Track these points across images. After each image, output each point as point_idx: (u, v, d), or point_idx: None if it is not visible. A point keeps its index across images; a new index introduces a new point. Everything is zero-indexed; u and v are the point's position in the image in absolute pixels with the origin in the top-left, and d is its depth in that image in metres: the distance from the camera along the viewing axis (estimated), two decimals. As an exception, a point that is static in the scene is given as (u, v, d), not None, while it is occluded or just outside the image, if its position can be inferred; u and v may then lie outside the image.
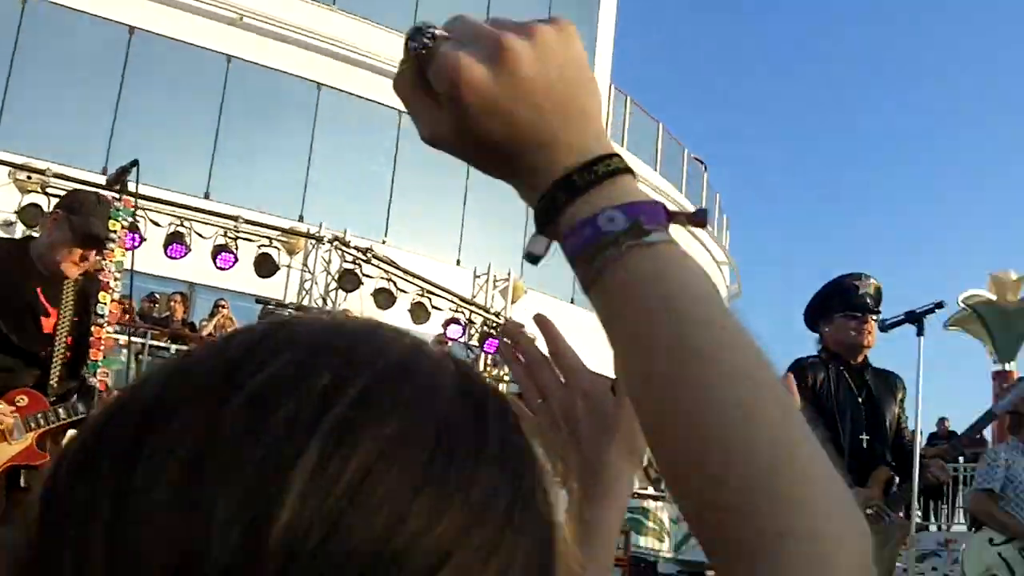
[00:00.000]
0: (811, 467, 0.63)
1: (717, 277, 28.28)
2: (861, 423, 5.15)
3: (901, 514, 5.17)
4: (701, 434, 0.63)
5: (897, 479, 5.23)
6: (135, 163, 4.76)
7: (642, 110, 25.69)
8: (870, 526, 0.65)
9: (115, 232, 4.33)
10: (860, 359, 5.27)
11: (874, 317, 5.21)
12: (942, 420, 15.99)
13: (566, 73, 0.71)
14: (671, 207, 0.72)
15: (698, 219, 0.76)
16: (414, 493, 0.47)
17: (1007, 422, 7.95)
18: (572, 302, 21.73)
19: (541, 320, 1.10)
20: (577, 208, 0.69)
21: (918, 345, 5.13)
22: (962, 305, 16.64)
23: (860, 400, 5.19)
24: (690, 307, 0.67)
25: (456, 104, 0.69)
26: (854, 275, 5.28)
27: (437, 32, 0.69)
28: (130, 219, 4.53)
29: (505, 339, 1.16)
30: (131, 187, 4.77)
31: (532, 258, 0.73)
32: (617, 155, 0.72)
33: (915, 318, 5.12)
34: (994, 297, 16.21)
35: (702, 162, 28.17)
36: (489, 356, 13.73)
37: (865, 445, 5.13)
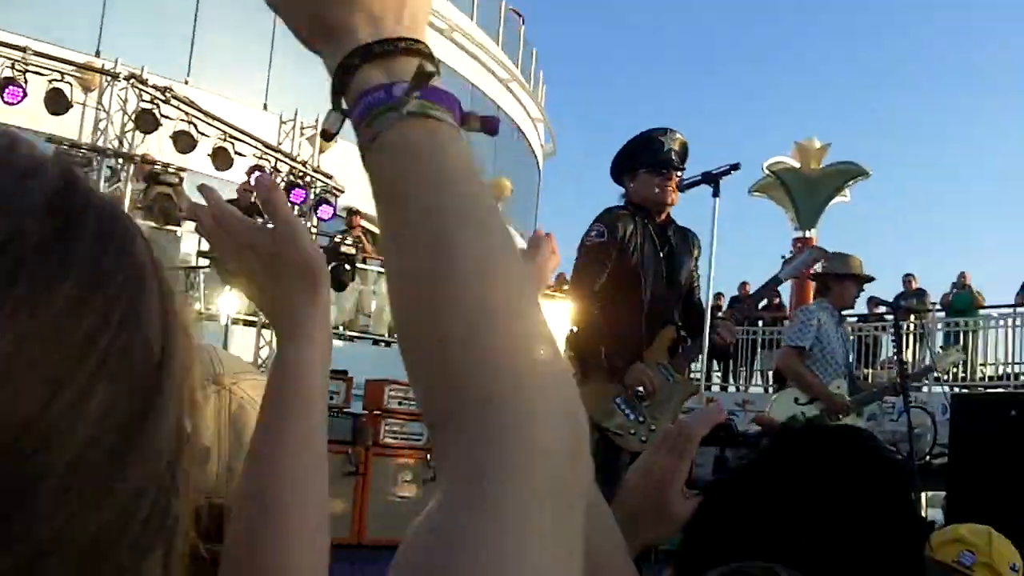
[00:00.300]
0: (514, 335, 0.65)
1: (532, 134, 28.35)
2: (661, 276, 5.22)
3: (697, 376, 5.33)
4: (426, 303, 0.67)
5: (687, 340, 5.38)
6: None
7: (460, -45, 25.11)
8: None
9: None
10: (664, 216, 5.31)
11: (678, 174, 5.24)
12: (743, 284, 16.45)
13: None
14: (465, 109, 0.74)
15: (489, 126, 0.77)
16: None
17: (812, 288, 8.30)
18: (383, 153, 21.46)
19: (204, 189, 1.20)
20: (369, 74, 0.72)
21: (713, 206, 5.20)
22: (766, 171, 17.00)
23: (662, 256, 5.25)
24: (450, 187, 0.69)
25: None
26: (660, 130, 5.27)
27: None
28: None
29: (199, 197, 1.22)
30: None
31: (326, 135, 0.77)
32: (425, 44, 0.75)
33: (711, 178, 5.15)
34: (798, 164, 16.59)
35: (519, 14, 27.88)
36: (295, 207, 13.44)
37: (665, 296, 5.24)
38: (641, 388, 5.01)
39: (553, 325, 0.68)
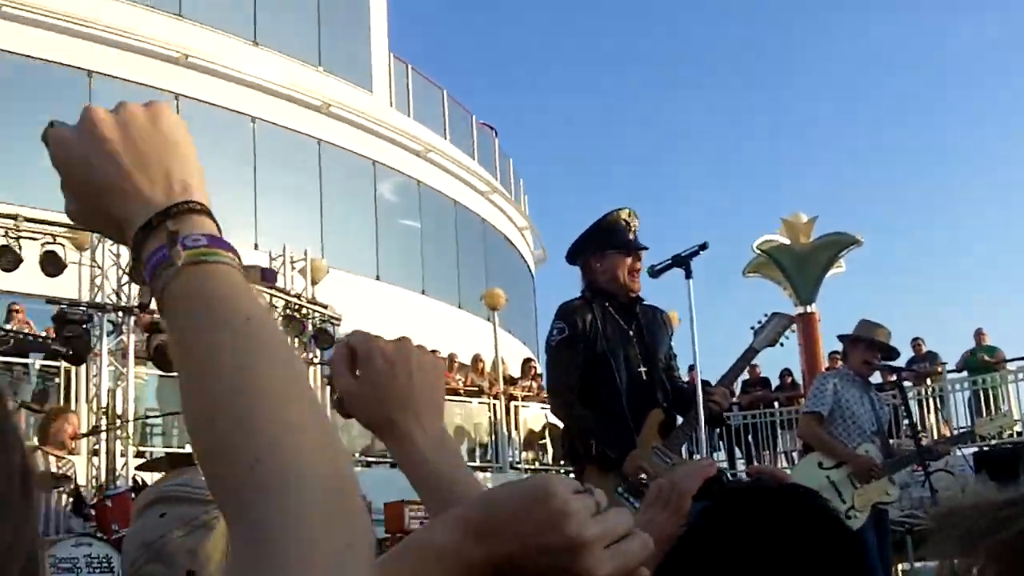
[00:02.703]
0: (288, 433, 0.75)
1: (520, 242, 28.57)
2: (635, 357, 5.16)
3: (698, 456, 5.23)
4: (208, 414, 0.77)
5: (679, 419, 5.33)
6: None
7: (425, 78, 25.63)
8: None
9: None
10: (627, 296, 5.27)
11: (642, 254, 5.24)
12: (753, 367, 16.36)
13: (149, 141, 0.89)
14: (243, 259, 0.88)
15: (267, 277, 0.94)
16: None
17: (826, 360, 8.26)
18: (377, 278, 21.63)
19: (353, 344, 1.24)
20: (152, 240, 0.85)
21: (688, 288, 5.11)
22: (756, 251, 17.00)
23: (631, 334, 5.20)
24: (225, 316, 0.80)
25: (52, 161, 0.92)
26: (620, 210, 5.27)
27: (55, 121, 0.92)
28: None
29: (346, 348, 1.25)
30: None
31: (143, 307, 0.97)
32: (198, 202, 0.88)
33: (681, 261, 5.06)
34: (787, 241, 16.60)
35: (491, 127, 28.34)
36: (294, 340, 13.48)
37: (644, 377, 5.15)
38: (643, 476, 4.88)
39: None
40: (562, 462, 16.46)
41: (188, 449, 11.09)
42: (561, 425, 5.19)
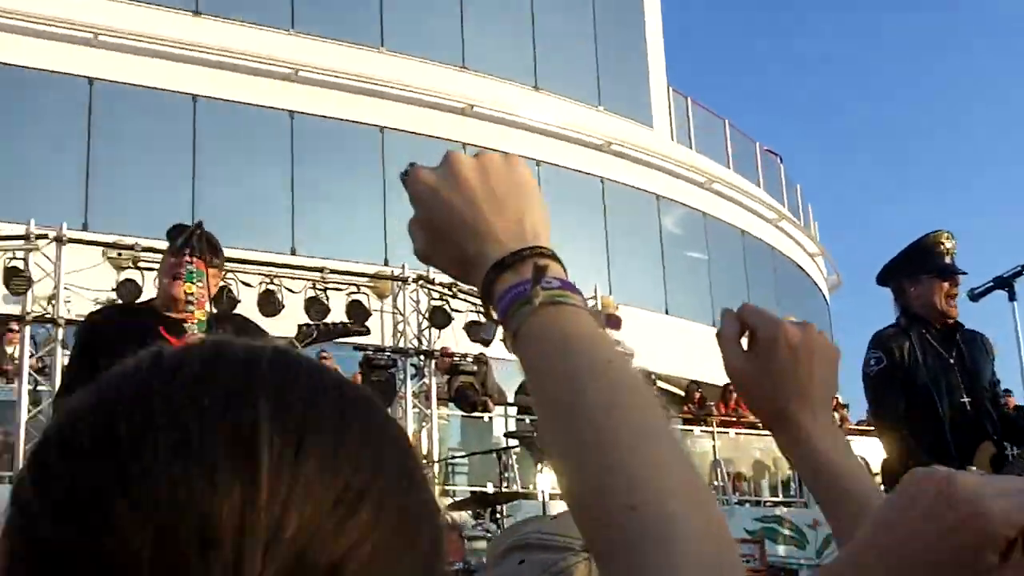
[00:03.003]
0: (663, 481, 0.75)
1: (812, 269, 27.81)
2: (957, 386, 4.90)
3: None
4: (578, 456, 0.78)
5: (1012, 450, 4.96)
6: (199, 224, 4.66)
7: (705, 109, 25.54)
8: None
9: (192, 295, 4.21)
10: (945, 322, 5.02)
11: (960, 279, 5.00)
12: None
13: (505, 187, 0.93)
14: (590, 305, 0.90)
15: (611, 324, 0.94)
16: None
17: None
18: (666, 312, 21.53)
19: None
20: (505, 280, 0.87)
21: (1013, 311, 4.83)
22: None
23: (952, 362, 4.94)
24: (580, 361, 0.82)
25: (411, 199, 0.95)
26: (940, 232, 5.05)
27: (413, 163, 0.97)
28: (204, 280, 4.38)
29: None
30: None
31: (484, 342, 0.92)
32: (547, 248, 0.91)
33: (1004, 282, 4.83)
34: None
35: (776, 154, 27.80)
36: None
37: (969, 408, 4.89)
38: None
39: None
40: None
41: (491, 488, 11.33)
42: (872, 456, 4.98)
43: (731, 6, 59.38)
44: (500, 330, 0.89)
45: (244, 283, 11.45)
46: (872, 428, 7.74)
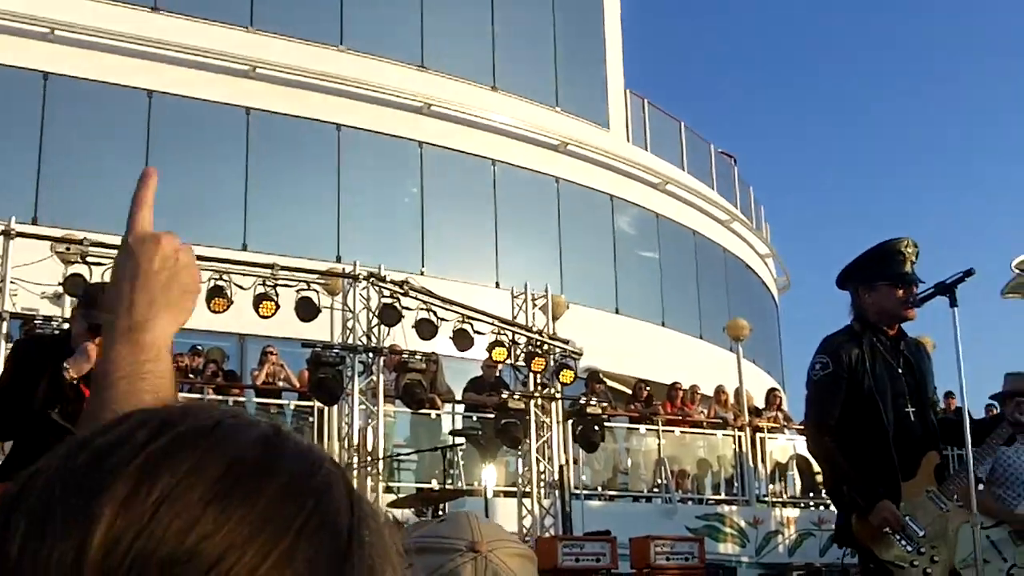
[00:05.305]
0: None
1: (762, 270, 28.12)
2: (903, 396, 4.94)
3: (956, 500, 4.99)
4: None
5: (952, 452, 5.12)
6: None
7: (661, 111, 25.70)
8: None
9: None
10: (895, 329, 5.06)
11: (916, 289, 4.98)
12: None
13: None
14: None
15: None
16: (204, 507, 0.61)
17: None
18: (617, 312, 21.76)
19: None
20: None
21: (953, 317, 4.79)
22: (1016, 270, 16.12)
23: (900, 371, 4.98)
24: None
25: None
26: (900, 240, 5.04)
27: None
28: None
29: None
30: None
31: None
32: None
33: (946, 288, 4.81)
34: (1052, 259, 15.64)
35: (730, 156, 28.08)
36: (537, 375, 13.73)
37: (913, 417, 4.94)
38: (888, 528, 4.70)
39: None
40: (811, 494, 16.04)
41: (435, 485, 11.47)
42: (811, 459, 5.08)
43: (692, 10, 59.68)
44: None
45: (193, 279, 11.50)
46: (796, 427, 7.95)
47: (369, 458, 11.87)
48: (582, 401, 13.60)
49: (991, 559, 5.85)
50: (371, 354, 12.73)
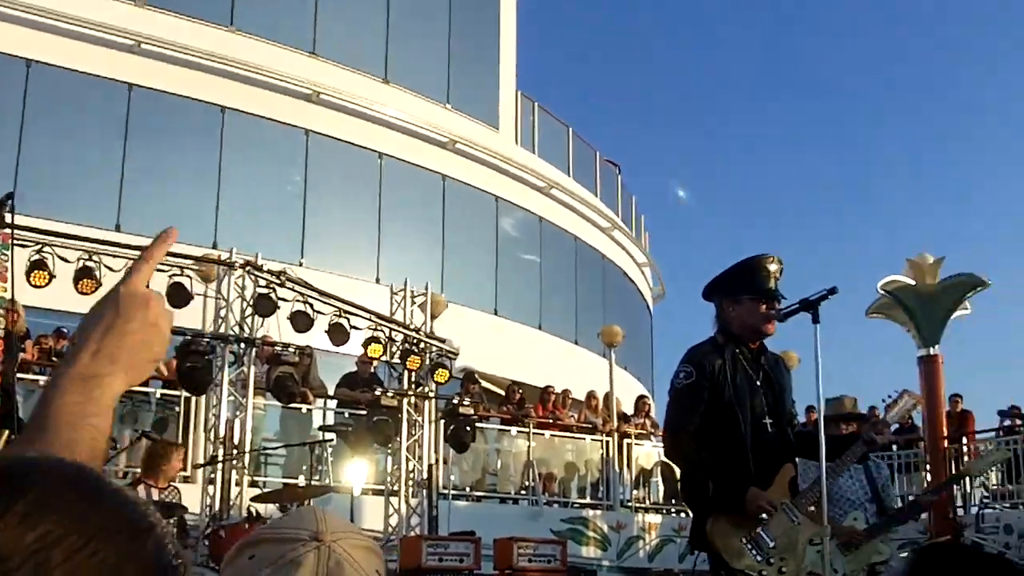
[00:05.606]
0: None
1: (639, 279, 28.52)
2: (762, 408, 5.05)
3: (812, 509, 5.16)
4: None
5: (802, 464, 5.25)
6: (10, 196, 4.69)
7: (552, 116, 25.85)
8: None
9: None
10: (757, 343, 5.18)
11: (778, 304, 5.10)
12: (872, 408, 16.04)
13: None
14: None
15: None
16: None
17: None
18: (495, 313, 21.84)
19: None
20: None
21: (815, 333, 4.92)
22: (881, 292, 16.66)
23: (759, 383, 5.09)
24: None
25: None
26: (765, 257, 5.15)
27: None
28: (7, 253, 4.40)
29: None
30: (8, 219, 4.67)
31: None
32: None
33: (809, 305, 4.91)
34: (912, 282, 16.20)
35: (615, 164, 28.41)
36: (411, 373, 13.70)
37: (771, 429, 5.06)
38: (764, 515, 4.84)
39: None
40: (673, 500, 16.35)
41: (302, 481, 11.33)
42: (673, 465, 5.17)
43: (590, 16, 60.17)
44: None
45: (61, 258, 11.15)
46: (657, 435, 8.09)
47: (236, 451, 11.68)
48: (455, 401, 13.61)
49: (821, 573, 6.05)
50: (243, 344, 12.52)
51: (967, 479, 16.10)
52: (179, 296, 12.03)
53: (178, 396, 12.87)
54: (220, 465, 11.32)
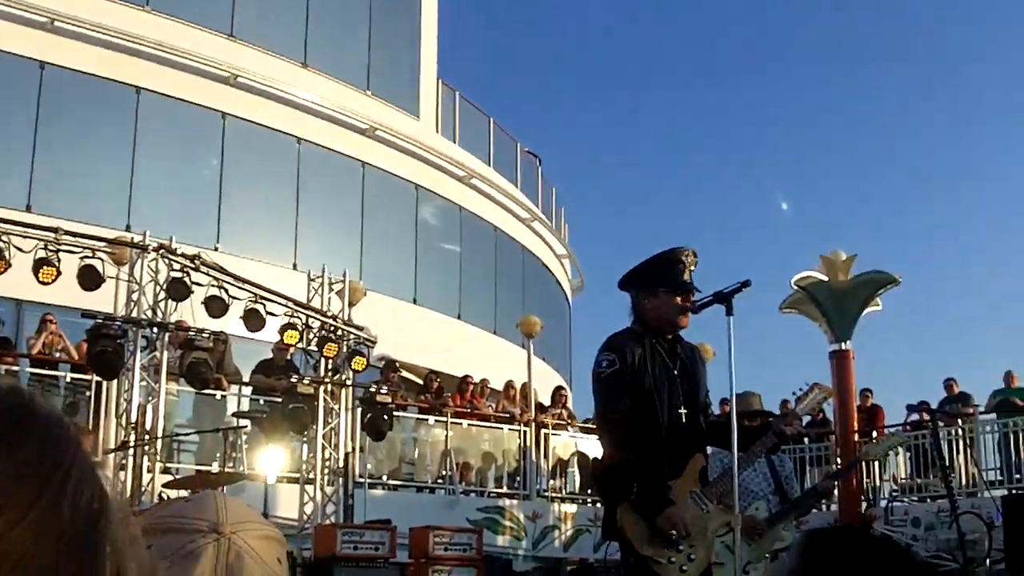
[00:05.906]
0: None
1: (558, 270, 28.63)
2: (678, 397, 5.11)
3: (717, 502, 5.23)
4: None
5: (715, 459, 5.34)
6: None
7: (473, 105, 25.81)
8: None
9: None
10: (672, 334, 5.24)
11: (692, 297, 5.17)
12: (784, 402, 16.24)
13: None
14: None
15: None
16: None
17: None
18: (414, 302, 21.75)
19: None
20: None
21: (728, 325, 5.02)
22: (794, 287, 16.89)
23: (676, 372, 5.15)
24: None
25: None
26: (681, 250, 5.20)
27: None
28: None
29: None
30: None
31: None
32: None
33: (723, 298, 5.01)
34: (825, 278, 16.45)
35: (536, 156, 28.47)
36: (329, 360, 13.57)
37: (685, 419, 5.11)
38: (673, 533, 4.88)
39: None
40: (588, 491, 16.43)
41: (216, 468, 11.17)
42: (592, 455, 5.20)
43: (514, 5, 60.21)
44: None
45: (-32, 239, 10.87)
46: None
47: (147, 437, 11.47)
48: (372, 389, 13.51)
49: (727, 561, 6.10)
50: (156, 329, 12.29)
51: (876, 472, 16.46)
52: (91, 279, 11.79)
53: (89, 380, 12.59)
54: (132, 451, 11.11)
